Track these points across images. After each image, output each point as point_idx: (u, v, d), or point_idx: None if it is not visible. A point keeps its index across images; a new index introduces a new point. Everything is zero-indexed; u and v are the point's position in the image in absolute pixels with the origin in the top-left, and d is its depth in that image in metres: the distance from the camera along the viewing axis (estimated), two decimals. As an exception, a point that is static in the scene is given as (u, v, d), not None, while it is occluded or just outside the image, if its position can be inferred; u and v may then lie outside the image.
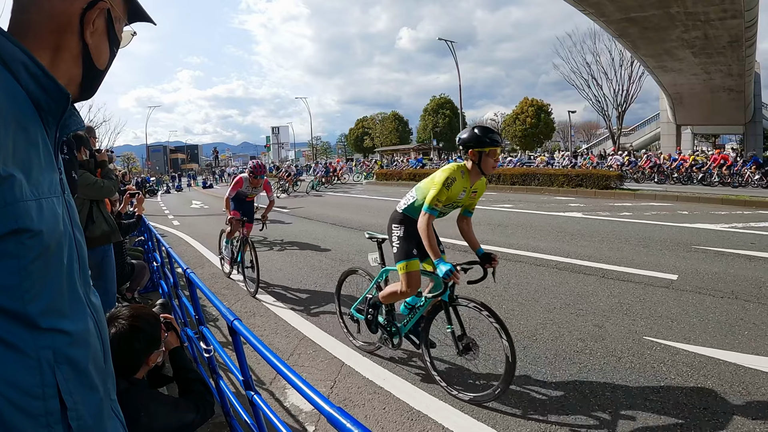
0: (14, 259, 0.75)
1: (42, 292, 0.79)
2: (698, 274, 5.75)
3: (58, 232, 0.82)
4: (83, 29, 0.90)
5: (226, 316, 1.96)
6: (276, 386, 3.50)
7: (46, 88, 0.82)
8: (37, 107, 0.82)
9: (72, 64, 0.91)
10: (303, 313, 5.04)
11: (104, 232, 3.69)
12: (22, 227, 0.75)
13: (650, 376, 3.37)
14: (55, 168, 0.87)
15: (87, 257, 0.98)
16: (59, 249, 0.83)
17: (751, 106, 32.73)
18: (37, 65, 0.81)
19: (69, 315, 0.85)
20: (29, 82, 0.80)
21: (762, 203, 12.26)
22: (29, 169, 0.78)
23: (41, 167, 0.81)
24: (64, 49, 0.89)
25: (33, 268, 0.77)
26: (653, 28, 23.86)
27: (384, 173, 29.35)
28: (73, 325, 0.85)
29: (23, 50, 0.80)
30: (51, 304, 0.81)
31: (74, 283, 0.88)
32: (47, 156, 0.84)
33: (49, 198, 0.81)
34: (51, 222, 0.80)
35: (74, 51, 0.91)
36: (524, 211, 12.22)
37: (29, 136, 0.79)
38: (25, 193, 0.75)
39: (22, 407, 0.76)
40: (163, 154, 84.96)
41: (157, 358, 1.87)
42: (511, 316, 4.60)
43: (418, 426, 2.92)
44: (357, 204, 16.20)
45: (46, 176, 0.82)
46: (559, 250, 7.28)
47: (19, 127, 0.77)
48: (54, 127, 0.88)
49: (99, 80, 0.99)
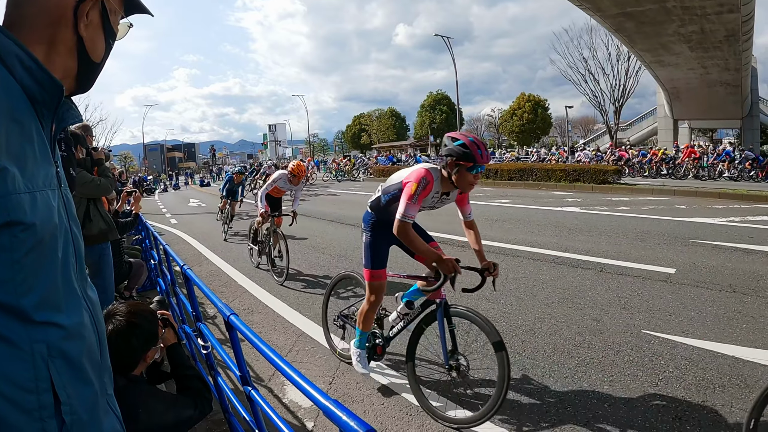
0: (7, 252, 0.75)
1: (35, 285, 0.79)
2: (696, 267, 5.76)
3: (52, 225, 0.82)
4: (77, 22, 0.90)
5: (223, 312, 1.96)
6: (274, 383, 3.50)
7: (40, 81, 0.82)
8: (32, 100, 0.82)
9: (67, 57, 0.91)
10: (301, 309, 5.03)
11: (101, 230, 3.68)
12: (15, 220, 0.74)
13: (648, 369, 3.38)
14: (51, 161, 0.87)
15: (84, 252, 0.97)
16: (54, 242, 0.83)
17: (748, 100, 32.78)
18: (31, 58, 0.81)
19: (63, 309, 0.85)
20: (24, 75, 0.80)
21: (759, 197, 12.29)
22: (23, 162, 0.77)
23: (36, 160, 0.81)
24: (58, 42, 0.89)
25: (26, 261, 0.77)
26: (649, 23, 23.87)
27: (381, 169, 29.42)
28: (68, 319, 0.85)
29: (17, 44, 0.80)
30: (45, 298, 0.81)
31: (69, 276, 0.88)
32: (42, 149, 0.83)
33: (43, 191, 0.81)
34: (45, 215, 0.80)
35: (69, 44, 0.90)
36: (522, 206, 12.23)
37: (23, 130, 0.79)
38: (19, 185, 0.75)
39: (15, 401, 0.76)
40: (160, 153, 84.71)
41: (154, 355, 1.86)
42: (509, 311, 4.61)
43: (417, 421, 2.92)
44: (354, 201, 16.18)
45: (41, 169, 0.82)
46: (556, 245, 7.28)
47: (13, 121, 0.76)
48: (50, 120, 0.87)
49: (95, 73, 0.98)
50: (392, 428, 2.88)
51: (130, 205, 5.08)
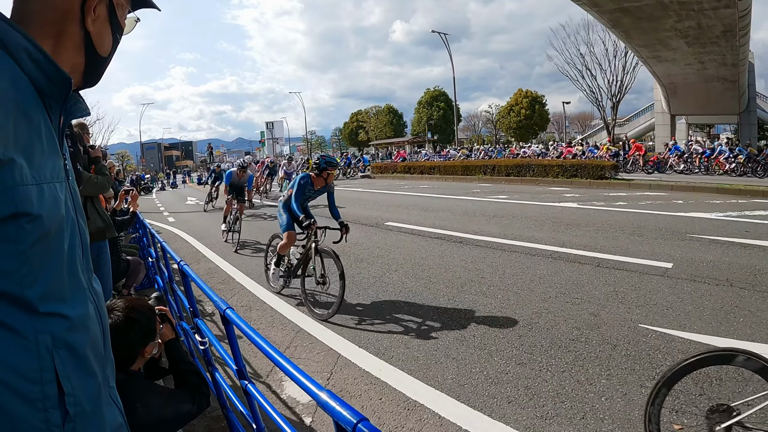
0: (13, 244, 0.75)
1: (41, 276, 0.79)
2: (693, 262, 5.78)
3: (58, 217, 0.82)
4: (84, 17, 0.90)
5: (219, 305, 1.96)
6: (272, 379, 3.51)
7: (48, 74, 0.82)
8: (40, 93, 0.82)
9: (74, 52, 0.91)
10: (299, 306, 5.04)
11: (99, 228, 3.68)
12: (22, 211, 0.75)
13: (646, 363, 3.40)
14: (59, 154, 0.87)
15: (89, 244, 0.98)
16: (60, 234, 0.83)
17: (746, 95, 32.78)
18: (39, 51, 0.81)
19: (69, 300, 0.85)
20: (32, 67, 0.80)
21: (757, 192, 12.31)
22: (31, 154, 0.78)
23: (44, 152, 0.81)
24: (66, 37, 0.89)
25: (32, 252, 0.77)
26: (646, 18, 23.82)
27: (379, 166, 29.50)
28: (73, 311, 0.85)
29: (26, 36, 0.80)
30: (50, 289, 0.81)
31: (75, 268, 0.88)
32: (50, 141, 0.84)
33: (51, 183, 0.81)
34: (51, 207, 0.80)
35: (76, 39, 0.90)
36: (519, 202, 12.23)
37: (31, 122, 0.79)
38: (26, 177, 0.76)
39: (19, 391, 0.76)
40: (157, 152, 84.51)
41: (152, 350, 1.87)
42: (507, 306, 4.62)
43: (415, 415, 2.93)
44: (353, 197, 16.16)
45: (48, 161, 0.82)
46: (554, 240, 7.30)
47: (21, 113, 0.77)
48: (58, 113, 0.87)
49: (103, 67, 0.99)
50: (390, 423, 2.89)
51: (128, 204, 5.09)
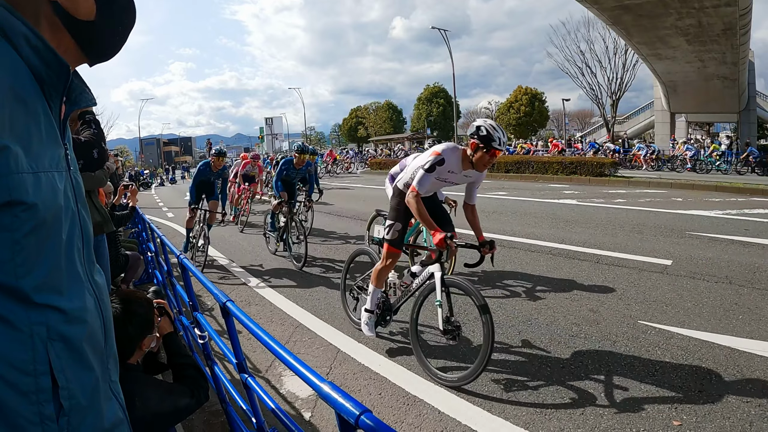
0: (7, 232, 0.73)
1: (36, 266, 0.77)
2: (692, 259, 5.78)
3: (56, 207, 0.80)
4: None
5: (218, 298, 1.95)
6: (272, 374, 3.50)
7: (46, 61, 0.80)
8: (40, 81, 0.80)
9: (54, 30, 0.85)
10: (299, 301, 5.03)
11: (97, 222, 3.65)
12: (16, 199, 0.72)
13: (645, 359, 3.39)
14: (60, 143, 0.84)
15: (92, 236, 0.96)
16: (57, 224, 0.81)
17: (745, 94, 32.74)
18: (37, 37, 0.78)
19: (65, 292, 0.83)
20: (30, 54, 0.78)
21: (756, 190, 12.33)
22: (28, 142, 0.75)
23: (42, 141, 0.79)
24: (41, 17, 0.83)
25: (27, 242, 0.75)
26: (647, 16, 23.77)
27: (378, 162, 29.44)
28: (69, 303, 0.83)
29: (24, 22, 0.77)
30: (46, 280, 0.79)
31: (74, 260, 0.86)
32: (50, 130, 0.81)
33: (49, 172, 0.79)
34: (48, 196, 0.78)
35: (48, 14, 0.84)
36: (519, 199, 12.23)
37: (28, 109, 0.77)
38: (22, 165, 0.73)
39: (12, 383, 0.75)
40: (156, 147, 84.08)
41: (150, 343, 1.85)
42: (506, 302, 4.61)
43: (414, 410, 2.93)
44: (351, 194, 16.15)
45: (47, 150, 0.80)
46: (553, 237, 7.29)
47: (18, 100, 0.74)
48: (58, 101, 0.84)
49: (96, 33, 0.89)
50: (390, 418, 2.88)
51: (127, 199, 5.07)
